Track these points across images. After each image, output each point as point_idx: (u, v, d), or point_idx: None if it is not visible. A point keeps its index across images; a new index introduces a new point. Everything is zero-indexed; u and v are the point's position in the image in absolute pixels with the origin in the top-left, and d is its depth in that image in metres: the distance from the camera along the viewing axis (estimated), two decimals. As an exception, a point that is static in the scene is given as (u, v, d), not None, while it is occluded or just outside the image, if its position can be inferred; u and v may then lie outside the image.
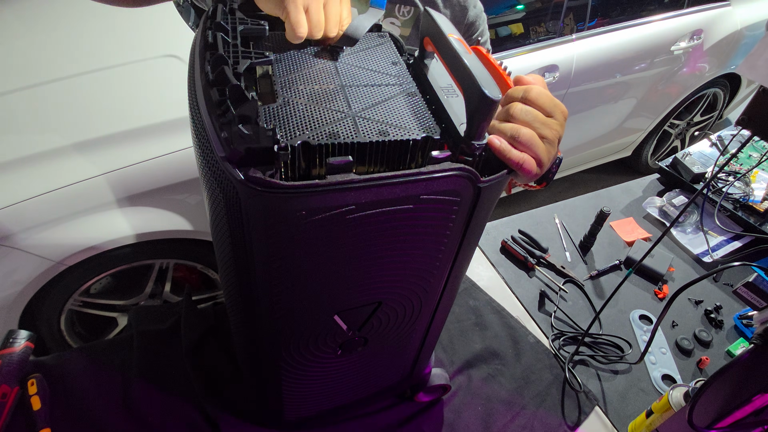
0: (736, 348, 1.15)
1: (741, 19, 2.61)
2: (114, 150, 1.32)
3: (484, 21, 1.04)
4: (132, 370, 0.92)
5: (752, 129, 0.84)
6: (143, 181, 1.33)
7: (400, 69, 0.58)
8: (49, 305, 1.39)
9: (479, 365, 1.06)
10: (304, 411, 0.83)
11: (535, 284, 1.25)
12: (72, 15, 1.76)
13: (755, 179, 1.54)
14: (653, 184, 1.62)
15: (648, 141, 2.90)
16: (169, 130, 1.37)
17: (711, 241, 1.41)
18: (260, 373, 0.73)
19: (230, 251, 0.51)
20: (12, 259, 1.24)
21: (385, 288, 0.59)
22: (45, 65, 1.53)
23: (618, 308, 1.22)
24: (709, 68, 2.64)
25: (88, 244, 1.30)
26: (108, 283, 1.60)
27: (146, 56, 1.58)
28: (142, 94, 1.47)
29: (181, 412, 0.88)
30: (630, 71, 2.34)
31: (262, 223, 0.45)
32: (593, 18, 2.15)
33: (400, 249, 0.53)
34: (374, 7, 0.59)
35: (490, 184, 0.50)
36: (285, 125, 0.46)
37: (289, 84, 0.51)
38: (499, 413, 0.98)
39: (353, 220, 0.46)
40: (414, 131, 0.49)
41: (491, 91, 0.45)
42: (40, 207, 1.23)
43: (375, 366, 0.79)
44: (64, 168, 1.27)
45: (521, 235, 1.34)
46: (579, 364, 1.09)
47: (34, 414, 0.81)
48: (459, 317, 1.14)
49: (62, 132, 1.33)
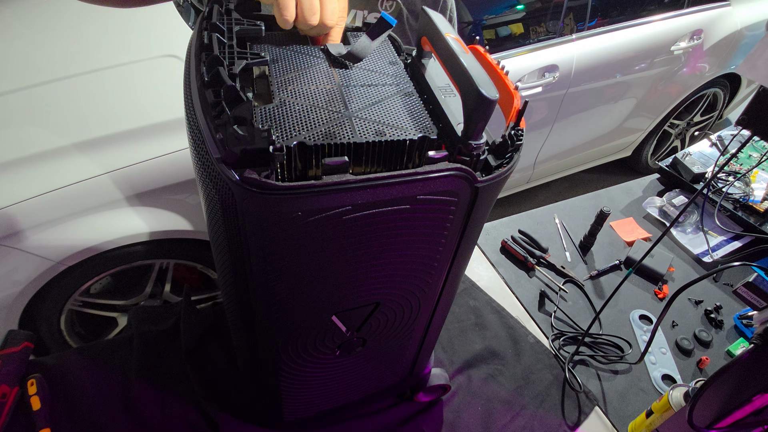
0: (736, 348, 1.15)
1: (741, 19, 2.60)
2: (114, 150, 1.32)
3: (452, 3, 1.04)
4: (132, 370, 0.92)
5: (752, 129, 0.84)
6: (143, 181, 1.33)
7: (397, 69, 0.58)
8: (49, 305, 1.39)
9: (479, 365, 1.06)
10: (304, 411, 0.83)
11: (535, 284, 1.25)
12: (72, 15, 1.76)
13: (755, 179, 1.54)
14: (653, 184, 1.62)
15: (648, 141, 2.89)
16: (169, 130, 1.37)
17: (711, 241, 1.41)
18: (259, 373, 0.73)
19: (227, 252, 0.51)
20: (12, 259, 1.24)
21: (383, 288, 0.59)
22: (45, 65, 1.53)
23: (618, 308, 1.22)
24: (709, 68, 2.64)
25: (88, 245, 1.30)
26: (108, 283, 1.60)
27: (146, 56, 1.58)
28: (142, 94, 1.47)
29: (181, 412, 0.88)
30: (630, 71, 2.34)
31: (258, 225, 0.45)
32: (593, 18, 2.15)
33: (398, 250, 0.53)
34: (385, 20, 0.58)
35: (488, 184, 0.50)
36: (281, 126, 0.45)
37: (286, 84, 0.51)
38: (499, 413, 0.98)
39: (350, 220, 0.46)
40: (411, 131, 0.48)
41: (488, 90, 0.45)
42: (40, 207, 1.23)
43: (374, 366, 0.79)
44: (64, 168, 1.27)
45: (521, 235, 1.34)
46: (579, 364, 1.09)
47: (34, 414, 0.81)
48: (459, 317, 1.14)
49: (62, 132, 1.33)
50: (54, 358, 0.92)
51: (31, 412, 0.81)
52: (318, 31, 0.55)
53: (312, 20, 0.52)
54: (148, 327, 0.98)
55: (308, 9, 0.51)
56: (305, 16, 0.51)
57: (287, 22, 0.51)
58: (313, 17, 0.52)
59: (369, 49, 0.57)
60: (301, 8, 0.51)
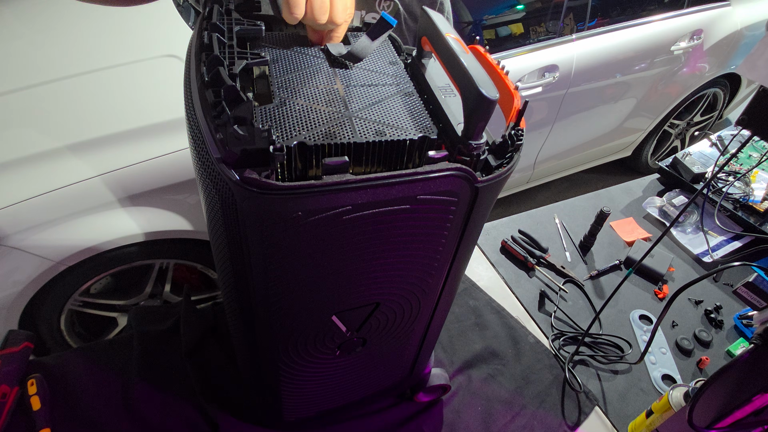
0: (736, 348, 1.15)
1: (741, 19, 2.60)
2: (114, 150, 1.32)
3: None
4: (132, 370, 0.92)
5: (752, 129, 0.84)
6: (143, 181, 1.33)
7: (397, 69, 0.58)
8: (49, 305, 1.39)
9: (479, 365, 1.06)
10: (304, 411, 0.83)
11: (535, 284, 1.25)
12: (72, 15, 1.76)
13: (755, 179, 1.54)
14: (653, 184, 1.62)
15: (648, 141, 2.89)
16: (169, 130, 1.37)
17: (711, 241, 1.41)
18: (259, 373, 0.73)
19: (227, 252, 0.51)
20: (12, 259, 1.24)
21: (383, 288, 0.59)
22: (45, 65, 1.53)
23: (618, 308, 1.22)
24: (709, 68, 2.64)
25: (87, 245, 1.30)
26: (108, 283, 1.60)
27: (146, 56, 1.58)
28: (142, 94, 1.47)
29: (181, 412, 0.88)
30: (630, 71, 2.34)
31: (258, 225, 0.44)
32: (593, 18, 2.15)
33: (398, 250, 0.53)
34: (385, 20, 0.58)
35: (488, 184, 0.50)
36: (281, 126, 0.45)
37: (286, 84, 0.51)
38: (499, 413, 0.98)
39: (350, 220, 0.46)
40: (411, 131, 0.48)
41: (488, 90, 0.45)
42: (40, 207, 1.23)
43: (374, 366, 0.79)
44: (64, 168, 1.27)
45: (521, 235, 1.34)
46: (579, 364, 1.09)
47: (34, 414, 0.81)
48: (459, 317, 1.14)
49: (62, 132, 1.33)
50: (54, 358, 0.92)
51: (31, 412, 0.81)
52: (324, 28, 0.55)
53: (322, 19, 0.52)
54: (148, 327, 0.98)
55: (319, 7, 0.51)
56: (315, 15, 0.51)
57: (296, 19, 0.50)
58: (323, 16, 0.52)
59: (369, 49, 0.57)
60: (311, 6, 0.50)
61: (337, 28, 0.56)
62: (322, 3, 0.51)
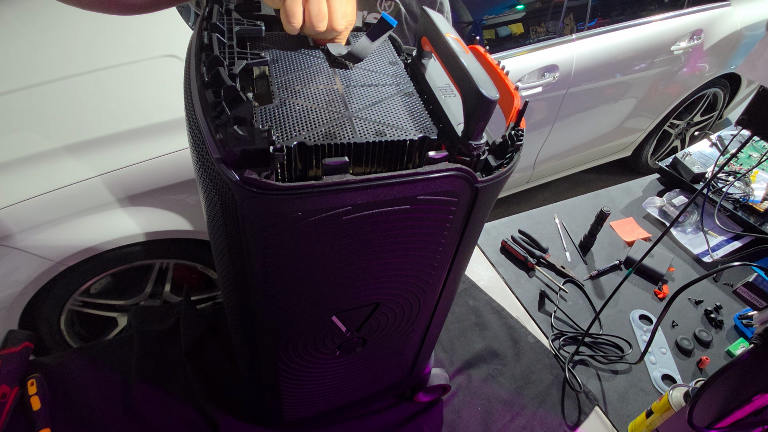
0: (736, 348, 1.15)
1: (741, 19, 2.60)
2: (114, 150, 1.32)
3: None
4: (132, 370, 0.92)
5: (752, 129, 0.84)
6: (143, 181, 1.33)
7: (397, 69, 0.58)
8: (49, 305, 1.39)
9: (479, 365, 1.06)
10: (304, 411, 0.83)
11: (535, 284, 1.25)
12: (72, 15, 1.76)
13: (755, 179, 1.54)
14: (653, 184, 1.62)
15: (648, 141, 2.89)
16: (169, 130, 1.37)
17: (711, 241, 1.41)
18: (259, 373, 0.73)
19: (227, 253, 0.51)
20: (12, 259, 1.24)
21: (383, 289, 0.59)
22: (44, 65, 1.53)
23: (618, 308, 1.22)
24: (709, 68, 2.64)
25: (87, 245, 1.30)
26: (108, 283, 1.60)
27: (146, 56, 1.58)
28: (142, 94, 1.47)
29: (181, 412, 0.88)
30: (630, 71, 2.34)
31: (258, 225, 0.44)
32: (593, 18, 2.15)
33: (398, 250, 0.53)
34: (385, 21, 0.58)
35: (488, 184, 0.50)
36: (281, 126, 0.45)
37: (286, 84, 0.51)
38: (499, 413, 0.98)
39: (350, 221, 0.46)
40: (411, 131, 0.48)
41: (488, 90, 0.45)
42: (40, 207, 1.23)
43: (374, 366, 0.79)
44: (64, 168, 1.27)
45: (521, 235, 1.34)
46: (579, 364, 1.09)
47: (33, 414, 0.81)
48: (459, 317, 1.14)
49: (62, 132, 1.33)
50: (54, 358, 0.92)
51: (31, 412, 0.81)
52: (325, 36, 0.54)
53: (320, 26, 0.51)
54: (148, 327, 0.98)
55: (316, 15, 0.50)
56: (313, 23, 0.50)
57: (295, 29, 0.50)
58: (321, 23, 0.51)
59: (369, 49, 0.57)
60: (309, 14, 0.50)
61: (339, 34, 0.56)
62: (319, 11, 0.50)
